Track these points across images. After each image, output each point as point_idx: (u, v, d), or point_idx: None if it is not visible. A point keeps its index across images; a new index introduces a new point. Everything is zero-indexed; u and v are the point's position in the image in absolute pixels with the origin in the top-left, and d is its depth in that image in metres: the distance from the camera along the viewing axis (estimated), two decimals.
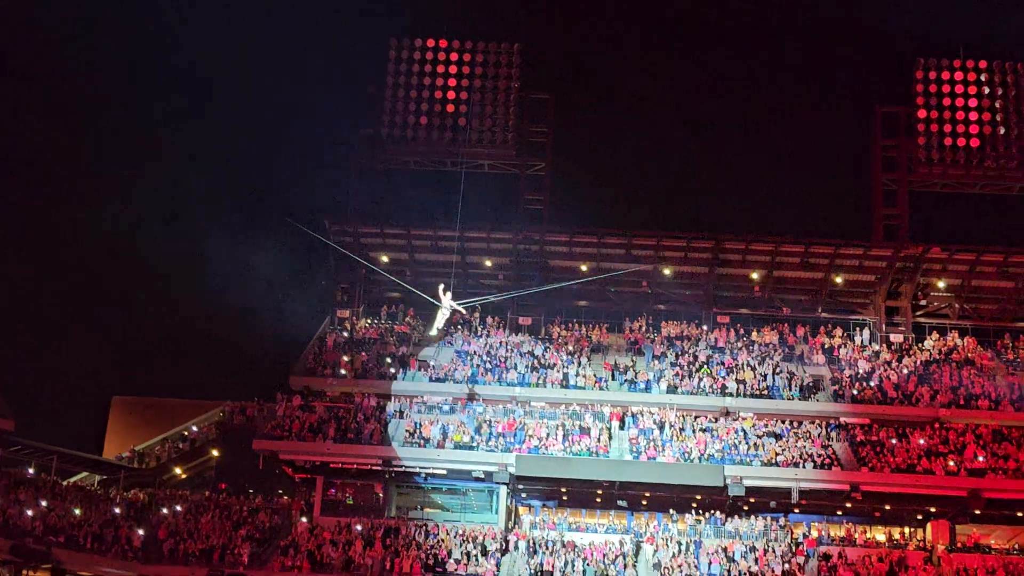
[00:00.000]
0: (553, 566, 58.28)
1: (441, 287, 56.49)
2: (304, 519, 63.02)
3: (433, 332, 62.59)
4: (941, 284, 72.92)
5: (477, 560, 58.65)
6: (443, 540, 60.09)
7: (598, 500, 63.72)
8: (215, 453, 72.10)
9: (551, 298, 73.37)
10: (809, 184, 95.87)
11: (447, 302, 55.84)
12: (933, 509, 61.95)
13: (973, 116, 75.74)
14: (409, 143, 75.15)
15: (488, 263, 74.25)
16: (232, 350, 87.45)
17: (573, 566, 58.31)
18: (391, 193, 77.01)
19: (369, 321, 74.12)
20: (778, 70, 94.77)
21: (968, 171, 75.53)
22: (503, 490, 62.68)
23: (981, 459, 61.49)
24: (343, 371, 68.16)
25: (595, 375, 67.49)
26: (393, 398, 66.66)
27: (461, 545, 59.58)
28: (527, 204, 77.28)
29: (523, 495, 64.25)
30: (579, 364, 68.52)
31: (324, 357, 69.47)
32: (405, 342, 71.19)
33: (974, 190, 77.60)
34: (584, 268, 73.42)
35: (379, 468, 62.68)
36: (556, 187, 77.27)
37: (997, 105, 76.29)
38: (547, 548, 59.77)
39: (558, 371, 67.62)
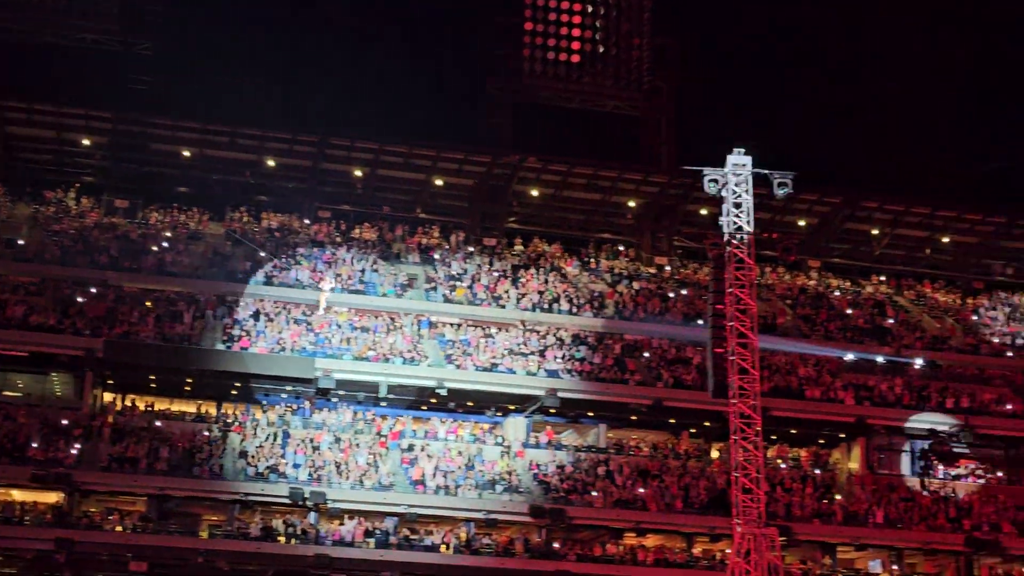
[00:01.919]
0: (137, 453, 57.68)
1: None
2: None
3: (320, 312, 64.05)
4: (535, 192, 75.93)
5: (58, 446, 57.30)
6: (23, 424, 58.28)
7: (187, 389, 63.38)
8: None
9: (150, 182, 71.89)
10: (421, 85, 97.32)
11: (327, 286, 63.82)
12: (512, 407, 65.07)
13: (576, 33, 79.17)
14: (2, 8, 71.24)
15: (87, 142, 71.70)
16: None
17: (158, 453, 57.91)
18: None
19: None
20: None
21: (567, 86, 79.28)
22: (89, 375, 61.26)
23: (559, 361, 64.92)
24: None
25: (192, 262, 66.69)
26: None
27: (42, 430, 57.99)
28: (132, 84, 75.08)
29: (110, 381, 62.99)
30: (177, 251, 67.50)
31: None
32: None
33: (572, 105, 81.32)
34: (187, 154, 72.20)
35: None
36: (164, 69, 75.41)
37: (599, 24, 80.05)
38: (132, 435, 59.03)
39: (154, 257, 66.38)
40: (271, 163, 72.79)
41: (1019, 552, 64.25)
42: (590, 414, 65.84)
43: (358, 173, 74.06)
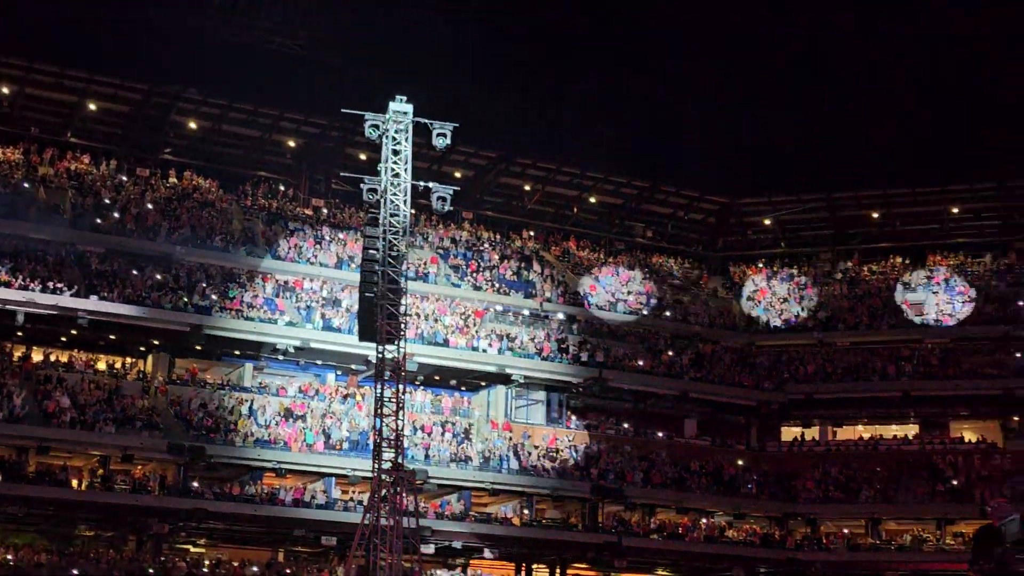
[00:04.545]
0: None
1: None
2: None
3: None
4: (193, 125, 74.33)
5: None
6: None
7: None
8: None
9: None
10: (83, 10, 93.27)
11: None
12: (156, 342, 63.79)
13: None
14: None
15: None
16: None
17: None
18: None
19: None
20: None
21: (232, 19, 78.31)
22: None
23: (207, 298, 63.83)
24: None
25: None
26: None
27: None
28: None
29: None
30: None
31: None
32: None
33: (239, 39, 79.99)
34: None
35: None
36: None
37: None
38: None
39: None
40: None
41: (640, 500, 68.22)
42: (236, 353, 65.40)
43: (5, 91, 70.57)
